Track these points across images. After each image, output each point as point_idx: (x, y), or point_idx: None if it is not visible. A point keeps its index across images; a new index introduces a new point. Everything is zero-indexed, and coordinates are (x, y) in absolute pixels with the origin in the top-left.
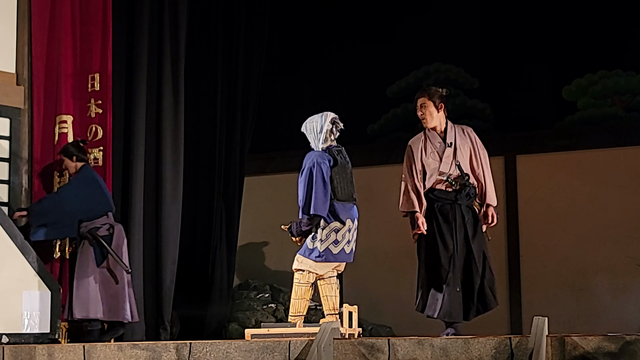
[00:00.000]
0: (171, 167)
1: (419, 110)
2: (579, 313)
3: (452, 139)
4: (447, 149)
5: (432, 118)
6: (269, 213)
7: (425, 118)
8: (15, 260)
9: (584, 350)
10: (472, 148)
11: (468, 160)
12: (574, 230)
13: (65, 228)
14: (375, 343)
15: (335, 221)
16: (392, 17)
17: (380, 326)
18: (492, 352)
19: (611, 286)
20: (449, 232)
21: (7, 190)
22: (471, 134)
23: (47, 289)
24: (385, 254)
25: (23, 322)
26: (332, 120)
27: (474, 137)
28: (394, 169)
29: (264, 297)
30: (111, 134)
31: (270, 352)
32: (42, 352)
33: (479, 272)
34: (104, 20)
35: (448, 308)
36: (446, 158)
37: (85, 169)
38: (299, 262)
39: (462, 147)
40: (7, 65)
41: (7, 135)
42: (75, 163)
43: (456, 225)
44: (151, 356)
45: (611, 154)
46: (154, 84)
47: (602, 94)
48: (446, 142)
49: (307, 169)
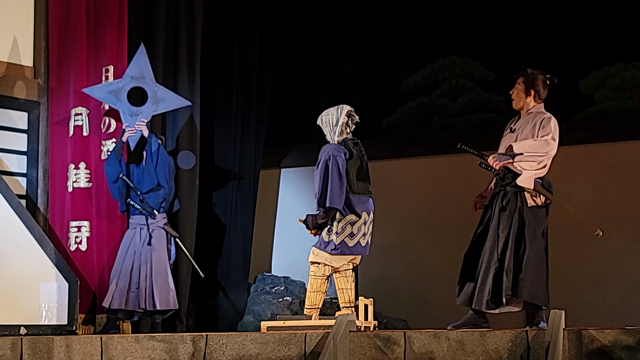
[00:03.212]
0: (186, 162)
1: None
2: (596, 306)
3: (519, 125)
4: (509, 134)
5: (518, 99)
6: (284, 206)
7: (513, 98)
8: (33, 252)
9: (601, 344)
10: (533, 135)
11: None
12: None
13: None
14: (391, 336)
15: (351, 214)
16: (408, 10)
17: (396, 319)
18: (509, 345)
19: (629, 280)
20: (482, 218)
21: (25, 182)
22: (539, 121)
23: (65, 280)
24: (401, 247)
25: (41, 314)
26: (347, 113)
27: (540, 124)
28: (410, 162)
29: (280, 289)
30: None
31: (286, 345)
32: (60, 344)
33: (495, 265)
34: (120, 13)
35: (465, 294)
36: (503, 142)
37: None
38: (315, 255)
39: (521, 133)
40: (25, 59)
41: (25, 128)
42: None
43: (492, 213)
44: (168, 348)
45: (629, 147)
46: (169, 76)
47: (620, 86)
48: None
49: (323, 161)
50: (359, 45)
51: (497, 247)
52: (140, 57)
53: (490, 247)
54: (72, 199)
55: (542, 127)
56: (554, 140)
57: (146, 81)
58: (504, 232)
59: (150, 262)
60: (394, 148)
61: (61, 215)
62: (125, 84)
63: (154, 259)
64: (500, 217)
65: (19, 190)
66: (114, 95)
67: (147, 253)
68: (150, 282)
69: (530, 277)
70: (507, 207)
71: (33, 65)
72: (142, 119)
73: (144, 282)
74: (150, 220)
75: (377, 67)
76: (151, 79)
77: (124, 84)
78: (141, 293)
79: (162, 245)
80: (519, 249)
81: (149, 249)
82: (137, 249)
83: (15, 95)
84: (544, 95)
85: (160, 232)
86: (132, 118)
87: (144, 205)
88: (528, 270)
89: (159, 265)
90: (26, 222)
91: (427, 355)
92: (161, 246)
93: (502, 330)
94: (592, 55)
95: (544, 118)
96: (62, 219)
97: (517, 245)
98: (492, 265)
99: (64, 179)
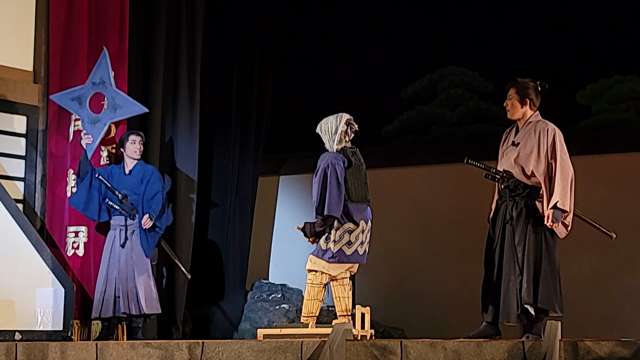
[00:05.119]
0: (185, 169)
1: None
2: (591, 318)
3: (520, 137)
4: (511, 147)
5: (514, 110)
6: (282, 213)
7: (508, 109)
8: (30, 257)
9: (597, 355)
10: (538, 147)
11: (530, 157)
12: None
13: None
14: (387, 345)
15: (348, 222)
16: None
17: (393, 328)
18: (505, 355)
19: (625, 290)
20: (493, 230)
21: (22, 187)
22: (542, 132)
23: (61, 286)
24: (399, 256)
25: (36, 319)
26: (346, 121)
27: (544, 136)
28: (408, 171)
29: (277, 297)
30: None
31: (283, 353)
32: (55, 350)
33: (519, 278)
34: (121, 20)
35: (492, 311)
36: (505, 156)
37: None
38: (312, 263)
39: (525, 146)
40: (25, 64)
41: (23, 132)
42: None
43: (504, 223)
44: (163, 355)
45: (626, 158)
46: (169, 84)
47: (617, 98)
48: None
49: (321, 169)
50: (359, 55)
51: (517, 260)
52: (103, 63)
53: (508, 260)
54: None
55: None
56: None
57: (106, 87)
58: (520, 244)
59: (132, 264)
60: (392, 157)
61: (59, 220)
62: (87, 90)
63: (135, 261)
64: (514, 229)
65: (16, 195)
66: (77, 102)
67: (127, 254)
68: (134, 286)
69: (549, 285)
70: (519, 218)
71: (33, 69)
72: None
73: (125, 285)
74: (129, 221)
75: (377, 76)
76: (111, 84)
77: (85, 91)
78: (123, 297)
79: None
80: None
81: (127, 251)
82: (117, 252)
83: (14, 100)
84: (538, 102)
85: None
86: (91, 125)
87: (123, 205)
88: (547, 279)
89: (140, 267)
90: (23, 227)
91: None
92: (139, 246)
93: (499, 340)
94: (589, 67)
95: (547, 129)
96: (60, 224)
97: (535, 256)
98: (514, 279)
99: (63, 184)
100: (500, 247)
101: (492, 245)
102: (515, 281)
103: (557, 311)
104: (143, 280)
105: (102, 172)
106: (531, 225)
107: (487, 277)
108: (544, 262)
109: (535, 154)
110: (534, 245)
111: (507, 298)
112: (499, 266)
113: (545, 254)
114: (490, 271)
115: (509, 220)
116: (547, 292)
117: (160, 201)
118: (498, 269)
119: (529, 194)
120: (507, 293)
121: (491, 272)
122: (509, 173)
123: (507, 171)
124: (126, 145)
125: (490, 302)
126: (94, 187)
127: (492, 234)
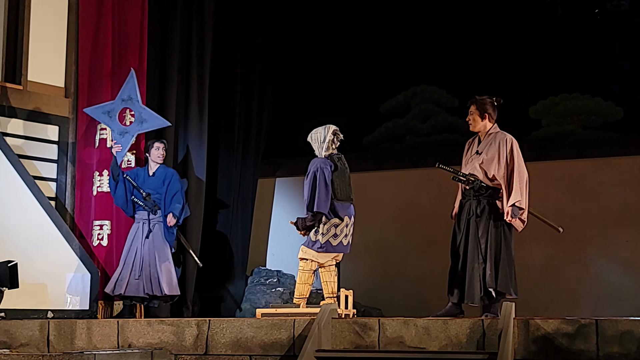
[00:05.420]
0: (195, 171)
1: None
2: (541, 299)
3: (482, 147)
4: (475, 155)
5: (475, 124)
6: (278, 210)
7: (470, 123)
8: (61, 247)
9: (545, 331)
10: (499, 154)
11: (492, 163)
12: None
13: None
14: (367, 322)
15: (335, 218)
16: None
17: (372, 308)
18: (467, 331)
19: (569, 276)
20: (458, 225)
21: (55, 186)
22: (502, 142)
23: (88, 272)
24: (378, 246)
25: (66, 300)
26: (333, 131)
27: (504, 145)
28: (386, 174)
29: (273, 281)
30: (144, 141)
31: (278, 329)
32: (82, 326)
33: (482, 265)
34: (140, 44)
35: (457, 293)
36: (469, 162)
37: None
38: (303, 252)
39: (487, 153)
40: (58, 81)
41: (56, 140)
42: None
43: (467, 218)
44: (175, 331)
45: (571, 164)
46: (182, 99)
47: (563, 113)
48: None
49: (311, 172)
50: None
51: (480, 250)
52: (130, 82)
53: (472, 250)
54: (96, 201)
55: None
56: (522, 161)
57: (133, 103)
58: (483, 236)
59: (154, 253)
60: (372, 162)
61: (86, 215)
62: (117, 105)
63: (157, 250)
64: (478, 224)
65: (49, 193)
66: (107, 115)
67: (150, 244)
68: (156, 270)
69: (506, 272)
70: (482, 214)
71: (64, 86)
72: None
73: (147, 270)
74: (151, 215)
75: (359, 93)
76: (138, 101)
77: (115, 106)
78: (145, 280)
79: (162, 237)
80: (497, 250)
81: (150, 241)
82: (140, 241)
83: (48, 112)
84: (495, 116)
85: (160, 226)
86: (120, 136)
87: (147, 202)
88: (504, 267)
89: (162, 255)
90: (55, 221)
91: (397, 340)
92: (161, 238)
93: (462, 319)
94: (539, 86)
95: (506, 139)
96: (87, 218)
97: (495, 247)
98: (478, 266)
99: (90, 184)
100: (465, 239)
101: (457, 237)
102: (479, 268)
103: (512, 294)
104: (165, 266)
105: (130, 173)
106: (492, 220)
107: (453, 265)
108: (502, 252)
109: (496, 161)
110: (495, 237)
111: (472, 282)
112: (464, 255)
113: (504, 245)
114: (456, 260)
115: (473, 216)
116: (504, 277)
117: (181, 199)
118: (463, 258)
119: (491, 194)
120: (471, 278)
121: (456, 260)
122: (474, 176)
123: (473, 174)
124: (151, 151)
125: (456, 286)
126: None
127: (457, 228)
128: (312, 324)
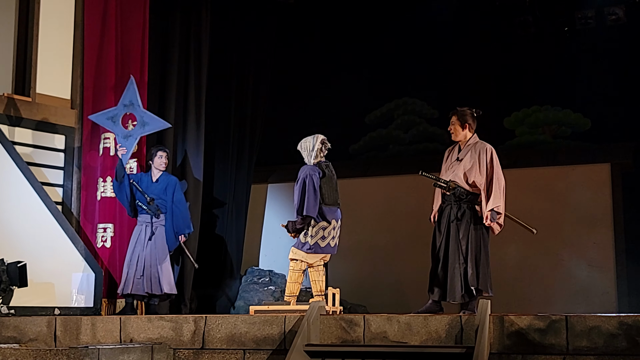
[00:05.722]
0: (193, 177)
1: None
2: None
3: (462, 155)
4: (456, 162)
5: (457, 133)
6: (270, 214)
7: (452, 132)
8: (67, 248)
9: (519, 327)
10: (478, 162)
11: (472, 170)
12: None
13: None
14: (353, 319)
15: (323, 221)
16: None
17: (358, 305)
18: (447, 327)
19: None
20: (439, 228)
21: (61, 192)
22: (482, 150)
23: (92, 271)
24: (363, 247)
25: (72, 298)
26: (321, 141)
27: (484, 154)
28: (370, 181)
29: (265, 280)
30: (145, 149)
31: (270, 325)
32: (87, 322)
33: (463, 265)
34: (142, 57)
35: (438, 291)
36: (450, 169)
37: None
38: (294, 253)
39: (468, 161)
40: (64, 93)
41: (62, 148)
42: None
43: (448, 222)
44: (174, 326)
45: (543, 171)
46: (180, 109)
47: (535, 124)
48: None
49: (301, 179)
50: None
51: (461, 251)
52: (131, 88)
53: (453, 251)
54: (100, 206)
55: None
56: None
57: (135, 107)
58: (463, 239)
59: (155, 254)
60: (358, 169)
61: (91, 218)
62: (119, 110)
63: (158, 252)
64: (459, 227)
65: (56, 198)
66: (111, 121)
67: (152, 246)
68: (156, 270)
69: (483, 271)
70: (462, 218)
71: (70, 98)
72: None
73: (149, 270)
74: (154, 219)
75: (346, 105)
76: (139, 105)
77: (118, 111)
78: (146, 280)
79: (163, 239)
80: (476, 251)
81: (152, 243)
82: (143, 243)
83: (55, 122)
84: (475, 126)
85: (162, 229)
86: (124, 139)
87: (150, 206)
88: (484, 267)
89: (162, 256)
90: (61, 224)
91: (381, 335)
92: (162, 240)
93: (442, 315)
94: (513, 98)
95: (486, 148)
96: (92, 222)
97: (475, 248)
98: (458, 266)
99: (94, 189)
100: (446, 242)
101: (438, 240)
102: (460, 268)
103: (489, 292)
104: (165, 267)
105: (134, 178)
106: (472, 224)
107: (434, 265)
108: (482, 253)
109: (476, 168)
110: (475, 239)
111: (453, 281)
112: (445, 257)
113: (482, 247)
114: (437, 260)
115: (454, 220)
116: (482, 277)
117: (187, 214)
118: (444, 259)
119: (471, 199)
120: (453, 277)
121: (437, 261)
122: (454, 182)
123: (453, 181)
124: (154, 159)
125: (437, 285)
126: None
127: (437, 231)
128: (302, 320)
